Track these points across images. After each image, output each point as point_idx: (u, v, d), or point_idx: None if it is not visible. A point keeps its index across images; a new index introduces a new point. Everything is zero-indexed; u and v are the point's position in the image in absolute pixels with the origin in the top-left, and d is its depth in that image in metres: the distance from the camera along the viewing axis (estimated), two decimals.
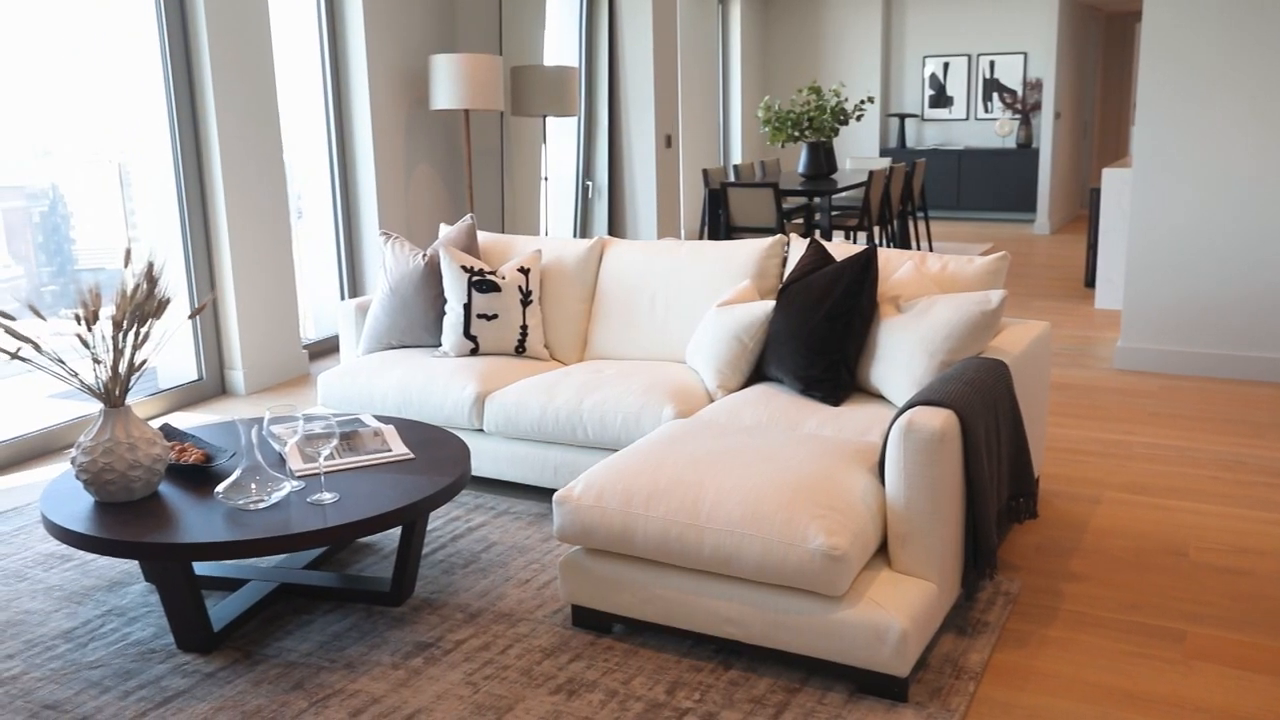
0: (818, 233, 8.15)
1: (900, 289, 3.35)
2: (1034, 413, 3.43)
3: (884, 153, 12.93)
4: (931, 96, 12.81)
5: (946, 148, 12.65)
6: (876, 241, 8.55)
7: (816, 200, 8.31)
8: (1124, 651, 2.71)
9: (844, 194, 9.30)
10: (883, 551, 2.67)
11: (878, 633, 2.42)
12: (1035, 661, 2.67)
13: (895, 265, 3.55)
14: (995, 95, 12.52)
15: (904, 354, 3.15)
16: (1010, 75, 12.40)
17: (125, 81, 5.15)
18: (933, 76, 12.75)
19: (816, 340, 3.29)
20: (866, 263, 3.27)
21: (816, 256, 3.49)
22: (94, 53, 5.28)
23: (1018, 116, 12.45)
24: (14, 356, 2.68)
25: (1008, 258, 3.43)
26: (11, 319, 2.66)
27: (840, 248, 3.64)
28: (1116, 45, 13.51)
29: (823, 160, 8.66)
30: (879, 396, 3.35)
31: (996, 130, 12.48)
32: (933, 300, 3.19)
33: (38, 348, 2.70)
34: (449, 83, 6.07)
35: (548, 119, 7.46)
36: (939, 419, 2.52)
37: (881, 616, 2.42)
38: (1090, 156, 13.36)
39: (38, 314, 2.76)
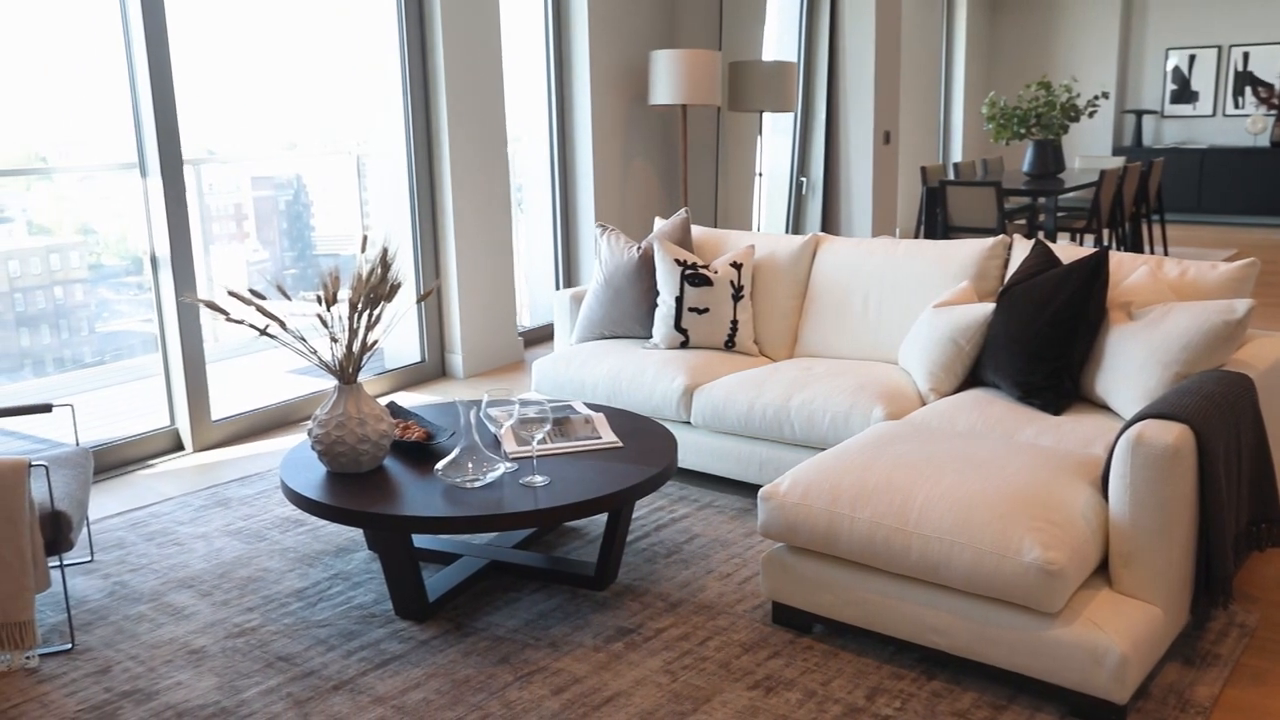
0: (1042, 234, 7.80)
1: (1133, 295, 3.17)
2: None
3: (1117, 151, 12.23)
4: (1173, 91, 12.03)
5: (1188, 146, 11.85)
6: (1107, 245, 8.10)
7: (1041, 200, 7.95)
8: None
9: (1072, 194, 8.85)
10: (1103, 570, 2.53)
11: (1095, 655, 2.30)
12: (1273, 702, 2.47)
13: (1128, 270, 3.35)
14: (1248, 90, 11.63)
15: (1134, 364, 2.98)
16: (1267, 68, 11.49)
17: (365, 79, 5.45)
18: (1175, 70, 11.96)
19: (1038, 345, 3.16)
20: (1096, 266, 3.11)
21: (1041, 258, 3.34)
22: (337, 52, 5.63)
23: (1273, 113, 11.53)
24: (263, 333, 2.89)
25: (1256, 264, 3.18)
26: (263, 298, 2.87)
27: (1067, 250, 3.47)
28: None
29: (1050, 159, 8.27)
30: (1104, 407, 3.18)
31: (1248, 128, 11.59)
32: (1169, 308, 2.99)
33: (283, 326, 2.90)
34: (668, 78, 6.14)
35: (764, 114, 7.43)
36: (1172, 434, 2.37)
37: (1099, 638, 2.30)
38: None
39: (284, 294, 2.96)
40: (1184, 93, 11.99)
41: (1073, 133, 12.48)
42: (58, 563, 3.30)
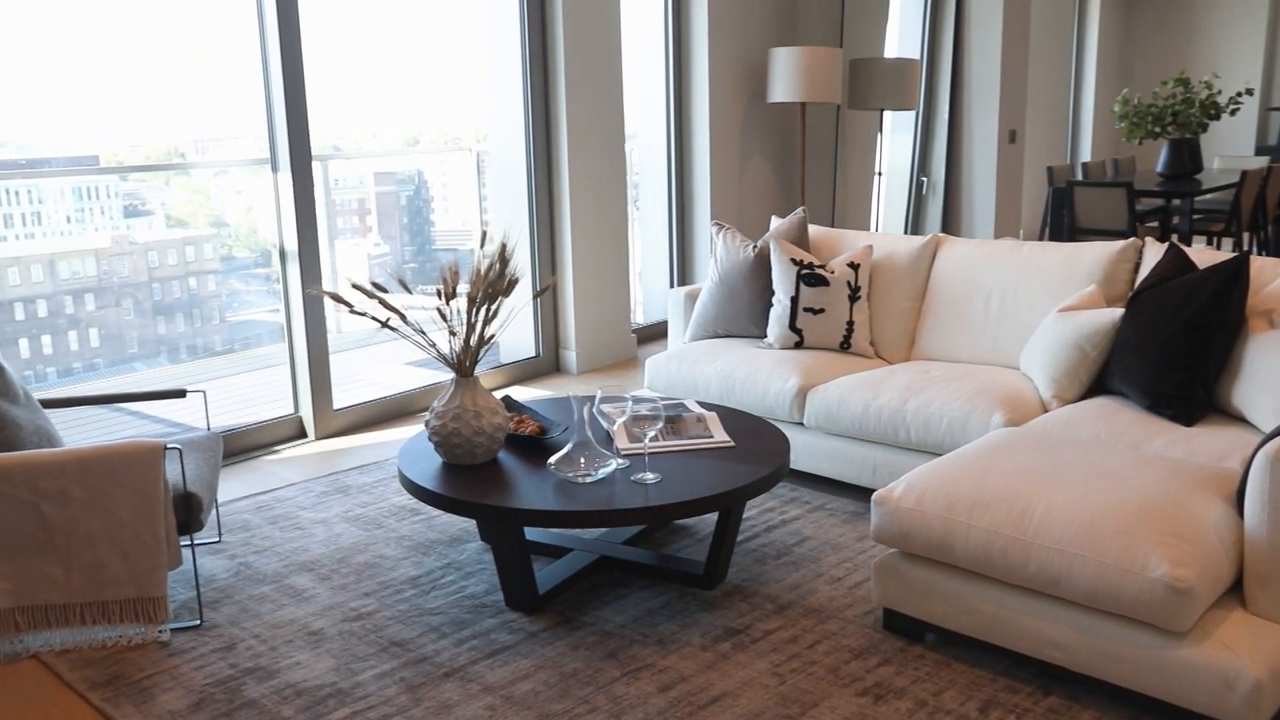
0: (1175, 237, 7.50)
1: (1275, 302, 3.02)
2: None
3: (1261, 151, 11.66)
4: None
5: None
6: (1247, 249, 7.75)
7: (1176, 202, 7.64)
8: None
9: (1209, 196, 8.47)
10: (1236, 591, 2.42)
11: (1226, 679, 2.20)
12: None
13: (1270, 275, 3.20)
14: None
15: (1275, 374, 2.84)
16: None
17: (486, 76, 5.54)
18: None
19: (1170, 353, 3.03)
20: (1236, 271, 2.97)
21: (1176, 263, 3.21)
22: (459, 50, 5.73)
23: None
24: (384, 325, 2.96)
25: None
26: (385, 291, 2.94)
27: (1203, 254, 3.32)
28: None
29: (1186, 158, 7.94)
30: (1240, 419, 3.03)
31: None
32: None
33: (404, 318, 2.97)
34: (787, 75, 6.09)
35: (885, 112, 7.32)
36: None
37: (1231, 662, 2.20)
38: None
39: (405, 288, 3.03)
40: None
41: (1212, 131, 11.93)
42: (188, 542, 3.44)
